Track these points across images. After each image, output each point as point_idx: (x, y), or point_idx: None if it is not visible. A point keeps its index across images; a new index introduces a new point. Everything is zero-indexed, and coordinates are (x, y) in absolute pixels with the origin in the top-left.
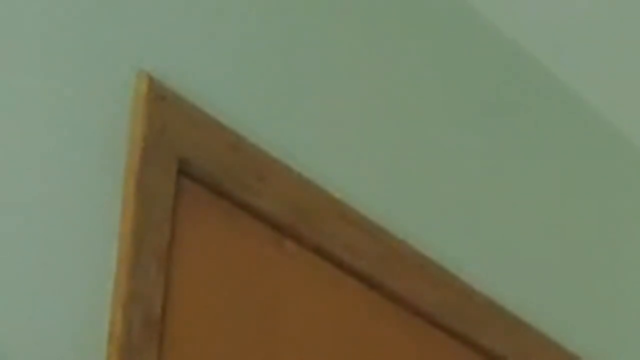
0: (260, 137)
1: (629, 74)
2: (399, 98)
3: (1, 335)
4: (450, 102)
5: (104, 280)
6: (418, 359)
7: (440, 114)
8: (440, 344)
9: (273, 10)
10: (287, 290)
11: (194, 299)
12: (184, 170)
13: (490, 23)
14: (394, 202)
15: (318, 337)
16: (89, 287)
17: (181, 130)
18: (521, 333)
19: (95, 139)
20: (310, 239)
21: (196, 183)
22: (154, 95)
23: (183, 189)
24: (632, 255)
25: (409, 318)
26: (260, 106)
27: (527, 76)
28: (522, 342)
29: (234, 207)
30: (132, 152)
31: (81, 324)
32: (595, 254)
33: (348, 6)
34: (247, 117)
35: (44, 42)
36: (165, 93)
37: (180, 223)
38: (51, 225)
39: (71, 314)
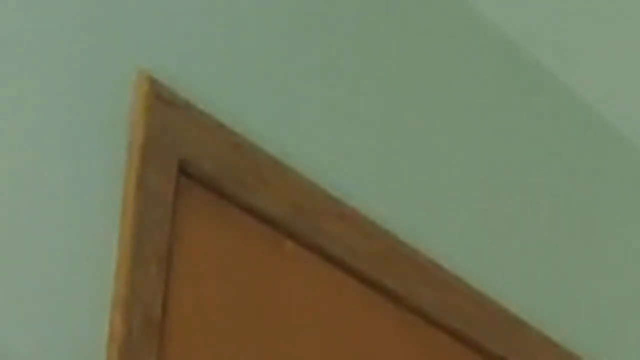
0: (261, 137)
1: (630, 74)
2: (399, 99)
3: (1, 335)
4: (450, 102)
5: (104, 280)
6: (418, 359)
7: (441, 115)
8: (440, 344)
9: (274, 10)
10: (287, 290)
11: (194, 299)
12: (184, 170)
13: (490, 22)
14: (394, 202)
15: (318, 337)
16: (89, 287)
17: (181, 130)
18: (521, 333)
19: (95, 138)
20: (310, 239)
21: (196, 183)
22: (155, 95)
23: (183, 189)
24: (632, 254)
25: (409, 318)
26: (261, 106)
27: (525, 75)
28: (522, 342)
29: (234, 207)
30: (132, 152)
31: (81, 324)
32: (596, 253)
33: (348, 7)
34: (247, 117)
35: (44, 41)
36: (166, 93)
37: (180, 223)
38: (51, 226)
39: (71, 314)
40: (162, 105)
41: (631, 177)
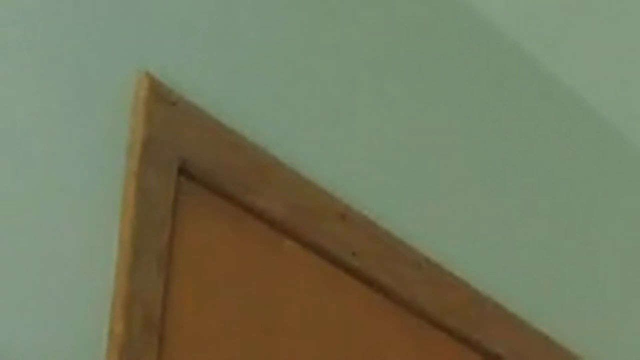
0: (261, 137)
1: (630, 74)
2: (399, 98)
3: (1, 335)
4: (450, 102)
5: (104, 280)
6: (418, 359)
7: (440, 114)
8: (440, 343)
9: (274, 10)
10: (287, 290)
11: (194, 299)
12: (184, 170)
13: (490, 22)
14: (394, 202)
15: (318, 337)
16: (89, 287)
17: (181, 130)
18: (521, 333)
19: (95, 139)
20: (310, 239)
21: (196, 183)
22: (155, 95)
23: (183, 189)
24: (632, 255)
25: (409, 318)
26: (261, 106)
27: (525, 75)
28: (522, 342)
29: (234, 207)
30: (132, 152)
31: (81, 324)
32: (595, 253)
33: (348, 8)
34: (247, 117)
35: (45, 41)
36: (166, 93)
37: (180, 223)
38: (51, 226)
39: (71, 314)
40: (162, 105)
41: (631, 177)
